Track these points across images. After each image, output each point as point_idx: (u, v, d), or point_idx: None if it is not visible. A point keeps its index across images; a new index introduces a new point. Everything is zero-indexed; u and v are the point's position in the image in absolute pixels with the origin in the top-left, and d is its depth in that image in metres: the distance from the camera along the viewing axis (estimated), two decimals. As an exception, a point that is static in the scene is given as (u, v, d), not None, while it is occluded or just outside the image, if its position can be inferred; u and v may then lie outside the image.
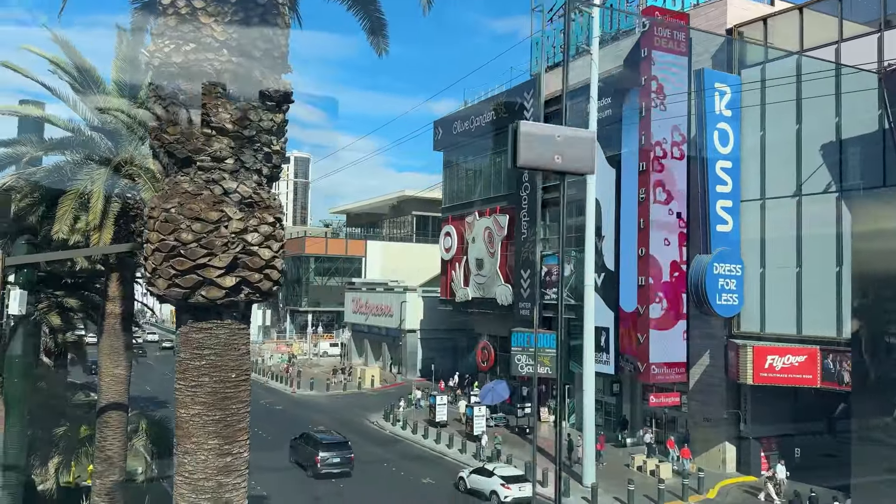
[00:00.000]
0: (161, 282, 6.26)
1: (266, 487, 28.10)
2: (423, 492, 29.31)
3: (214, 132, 6.12)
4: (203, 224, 6.16)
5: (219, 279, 6.22)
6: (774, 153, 30.01)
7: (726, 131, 30.71)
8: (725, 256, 30.15)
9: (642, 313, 32.71)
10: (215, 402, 6.41)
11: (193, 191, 6.22)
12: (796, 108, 29.04)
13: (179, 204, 6.20)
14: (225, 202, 6.22)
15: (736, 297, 30.22)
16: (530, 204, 41.81)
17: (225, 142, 6.18)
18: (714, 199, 30.44)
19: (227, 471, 6.41)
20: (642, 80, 33.15)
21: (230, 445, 6.46)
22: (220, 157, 6.20)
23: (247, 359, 6.74)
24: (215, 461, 6.36)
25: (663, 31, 32.99)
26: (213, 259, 6.18)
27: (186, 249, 6.16)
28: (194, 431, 6.40)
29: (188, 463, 6.39)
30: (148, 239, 6.34)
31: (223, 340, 6.45)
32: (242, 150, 6.26)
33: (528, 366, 39.69)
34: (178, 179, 6.32)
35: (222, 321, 6.45)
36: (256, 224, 6.39)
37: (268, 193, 6.62)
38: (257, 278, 6.42)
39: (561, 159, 2.37)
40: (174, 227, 6.18)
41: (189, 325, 6.45)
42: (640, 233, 32.94)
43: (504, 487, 26.43)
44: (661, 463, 31.22)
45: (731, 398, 31.45)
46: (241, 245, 6.29)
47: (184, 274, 6.19)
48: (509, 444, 35.19)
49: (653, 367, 32.26)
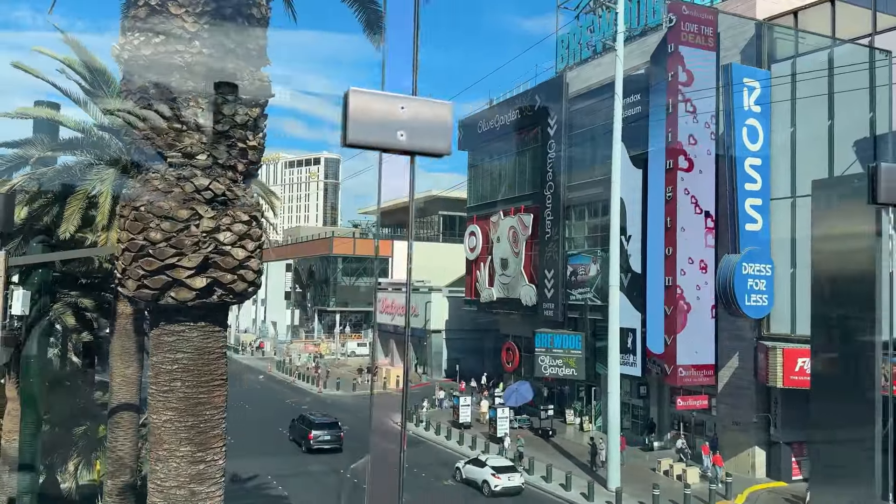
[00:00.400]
0: (130, 283, 6.05)
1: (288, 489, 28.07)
2: (444, 492, 29.04)
3: (185, 127, 5.92)
4: (172, 223, 5.94)
5: (189, 280, 5.99)
6: (805, 149, 29.18)
7: (755, 127, 29.96)
8: (755, 256, 29.42)
9: (669, 314, 32.06)
10: (188, 408, 6.18)
11: (164, 188, 6.01)
12: (828, 103, 28.20)
13: (149, 202, 5.99)
14: (196, 200, 6.00)
15: (765, 297, 29.46)
16: (554, 203, 41.31)
17: (196, 137, 5.96)
18: (743, 197, 29.71)
19: (201, 479, 6.18)
20: (669, 76, 32.50)
21: (203, 453, 6.23)
22: (192, 153, 5.98)
23: (222, 363, 6.49)
24: (188, 469, 6.13)
25: (690, 25, 32.31)
26: (183, 259, 5.96)
27: (155, 249, 5.95)
28: (166, 438, 6.18)
29: (160, 470, 6.17)
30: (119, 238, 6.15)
31: (196, 344, 6.21)
32: (215, 145, 6.03)
33: (551, 367, 39.26)
34: (149, 176, 6.11)
35: (195, 324, 6.22)
36: (229, 223, 6.14)
37: (244, 191, 6.38)
38: (230, 279, 6.17)
39: (405, 136, 1.87)
40: (143, 226, 5.97)
41: (161, 327, 6.23)
42: (666, 232, 32.29)
43: (494, 477, 28.00)
44: (689, 467, 30.55)
45: (761, 401, 30.67)
46: (213, 244, 6.05)
47: (153, 274, 5.97)
48: (532, 447, 34.74)
49: (680, 369, 31.59)
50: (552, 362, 39.36)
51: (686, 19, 32.24)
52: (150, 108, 5.90)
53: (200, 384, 6.23)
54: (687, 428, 34.47)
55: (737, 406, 31.44)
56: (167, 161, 6.01)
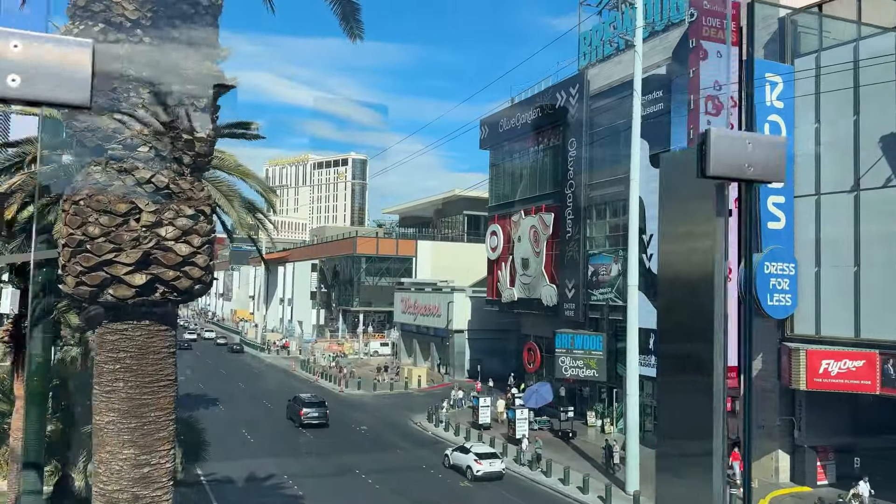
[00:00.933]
0: (70, 279, 5.87)
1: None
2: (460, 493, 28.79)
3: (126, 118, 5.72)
4: (111, 217, 5.74)
5: (127, 277, 5.78)
6: (830, 146, 28.38)
7: (778, 124, 29.20)
8: (777, 255, 28.68)
9: (690, 315, 31.41)
10: (131, 410, 5.98)
11: (105, 181, 5.83)
12: (854, 99, 27.39)
13: (88, 195, 5.81)
14: (137, 193, 5.80)
15: (789, 297, 28.71)
16: (575, 202, 40.80)
17: (138, 128, 5.77)
18: (765, 194, 28.97)
19: (145, 482, 5.98)
20: (690, 72, 31.89)
21: (148, 455, 6.02)
22: (133, 146, 5.79)
23: (169, 363, 6.27)
24: (130, 472, 5.93)
25: (712, 20, 31.67)
26: (122, 255, 5.76)
27: (93, 244, 5.76)
28: (109, 440, 5.99)
29: (103, 473, 5.98)
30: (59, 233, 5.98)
31: (140, 343, 6.01)
32: (158, 137, 5.84)
33: (572, 368, 38.79)
34: (90, 170, 5.94)
35: (139, 322, 6.03)
36: (172, 217, 5.92)
37: (190, 184, 6.16)
38: (172, 276, 5.96)
39: (19, 83, 1.57)
40: (82, 221, 5.78)
41: (104, 325, 6.05)
42: (687, 231, 31.65)
43: (477, 462, 30.02)
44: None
45: (785, 404, 29.93)
46: (155, 240, 5.85)
47: (91, 271, 5.79)
48: (551, 448, 34.30)
49: (701, 370, 30.93)
50: (573, 363, 38.89)
51: (707, 14, 31.62)
52: (89, 99, 5.70)
53: (144, 385, 6.02)
54: (709, 431, 33.76)
55: (760, 409, 30.68)
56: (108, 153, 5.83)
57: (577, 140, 40.92)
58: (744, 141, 1.98)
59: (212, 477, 29.08)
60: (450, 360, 58.16)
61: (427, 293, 61.78)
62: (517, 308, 47.18)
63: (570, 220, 41.07)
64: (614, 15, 40.72)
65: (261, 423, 40.43)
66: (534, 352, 44.87)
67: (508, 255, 47.82)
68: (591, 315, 39.98)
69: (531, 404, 38.37)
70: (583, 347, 38.72)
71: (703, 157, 1.93)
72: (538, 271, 44.25)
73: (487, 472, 29.79)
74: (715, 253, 2.08)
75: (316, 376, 59.77)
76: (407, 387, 54.44)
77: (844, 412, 29.42)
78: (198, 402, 45.13)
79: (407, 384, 54.93)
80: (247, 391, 51.90)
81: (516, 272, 46.72)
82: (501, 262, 48.78)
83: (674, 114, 33.35)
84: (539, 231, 44.31)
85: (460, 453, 31.28)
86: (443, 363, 59.84)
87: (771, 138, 2.00)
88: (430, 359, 62.55)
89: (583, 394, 42.20)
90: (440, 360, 60.42)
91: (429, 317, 60.07)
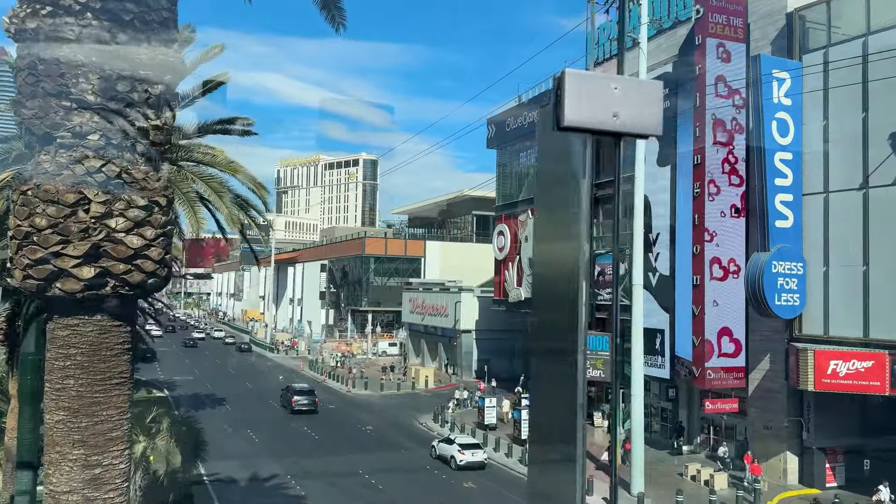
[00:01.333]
0: (18, 273, 5.69)
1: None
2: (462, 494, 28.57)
3: (75, 105, 5.53)
4: (59, 207, 5.53)
5: (75, 270, 5.59)
6: (839, 143, 27.93)
7: (785, 121, 28.79)
8: (785, 254, 28.27)
9: (697, 314, 31.06)
10: (81, 408, 5.77)
11: (54, 171, 5.63)
12: (862, 95, 26.93)
13: (36, 185, 5.62)
14: (87, 183, 5.60)
15: (797, 297, 28.29)
16: (582, 201, 40.41)
17: (87, 116, 5.57)
18: (773, 192, 28.59)
19: (96, 484, 5.77)
20: (697, 69, 31.50)
21: (100, 456, 5.80)
22: (83, 133, 5.59)
23: (124, 360, 6.05)
24: (81, 473, 5.72)
25: (718, 16, 31.26)
26: (69, 247, 5.57)
27: (40, 236, 5.57)
28: (58, 440, 5.77)
29: (52, 475, 5.78)
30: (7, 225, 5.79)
31: (92, 339, 5.79)
32: (109, 124, 5.64)
33: (578, 368, 38.45)
34: (40, 159, 5.75)
35: (90, 318, 5.82)
36: (123, 208, 5.72)
37: (144, 174, 5.95)
38: (123, 269, 5.75)
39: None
40: (29, 212, 5.59)
41: (55, 321, 5.86)
42: (694, 230, 31.30)
43: (460, 453, 31.61)
44: (717, 473, 29.52)
45: (794, 405, 29.50)
46: (104, 231, 5.65)
47: (38, 263, 5.59)
48: (557, 450, 33.96)
49: (708, 371, 30.57)
50: (579, 363, 38.55)
51: (714, 10, 31.20)
52: (37, 86, 5.54)
53: (96, 383, 5.81)
54: (717, 432, 33.37)
55: (768, 410, 30.29)
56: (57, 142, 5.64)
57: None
58: (608, 84, 1.70)
59: (215, 477, 29.02)
60: (457, 360, 57.91)
61: (435, 293, 61.56)
62: (524, 308, 46.86)
63: (577, 220, 40.71)
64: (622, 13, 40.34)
65: (266, 423, 40.36)
66: (541, 352, 44.56)
67: (515, 254, 47.53)
68: (597, 315, 39.60)
69: (537, 405, 38.08)
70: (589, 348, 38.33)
71: (557, 105, 1.65)
72: (545, 271, 43.91)
73: (470, 462, 31.37)
74: (581, 239, 1.83)
75: (324, 376, 59.68)
76: (414, 387, 54.25)
77: (853, 413, 28.97)
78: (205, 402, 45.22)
79: (414, 384, 54.74)
80: (254, 391, 51.88)
81: (523, 272, 46.42)
82: (509, 262, 48.50)
83: (680, 111, 32.95)
84: (546, 230, 43.99)
85: (445, 444, 32.90)
86: (450, 363, 59.62)
87: (644, 81, 1.72)
88: (437, 359, 62.34)
89: (589, 394, 41.83)
90: (448, 360, 60.19)
91: (437, 317, 59.86)
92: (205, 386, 51.60)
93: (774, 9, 30.48)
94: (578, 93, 1.69)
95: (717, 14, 31.18)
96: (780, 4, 30.36)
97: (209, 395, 47.28)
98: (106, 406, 5.85)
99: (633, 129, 1.72)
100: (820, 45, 28.80)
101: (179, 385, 51.27)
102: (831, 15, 28.76)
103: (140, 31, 5.64)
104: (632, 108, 1.73)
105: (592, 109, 1.69)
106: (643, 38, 29.23)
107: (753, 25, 31.37)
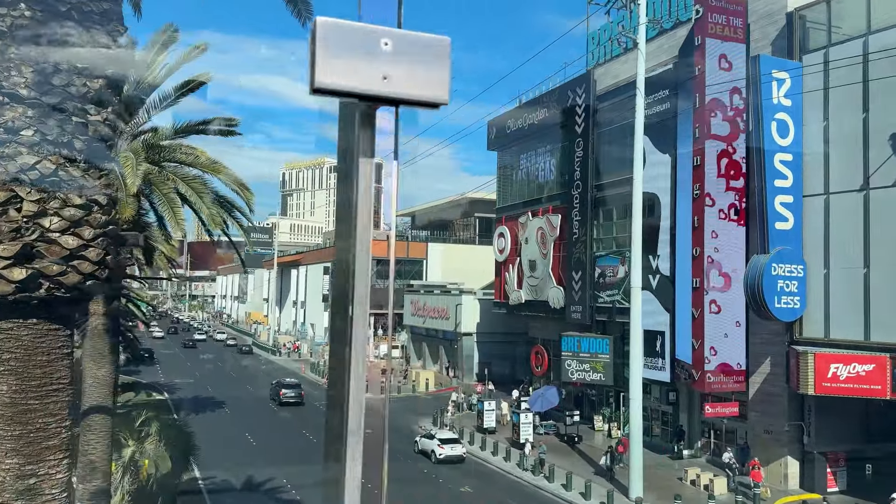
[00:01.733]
0: (-54, 274, 5.50)
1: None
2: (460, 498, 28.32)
3: (7, 100, 5.34)
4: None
5: (5, 271, 5.39)
6: (839, 144, 27.60)
7: (785, 122, 28.48)
8: (785, 256, 27.95)
9: (697, 317, 30.77)
10: (15, 416, 5.57)
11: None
12: (863, 95, 26.61)
13: (-35, 184, 5.44)
14: (19, 180, 5.41)
15: (797, 299, 27.96)
16: (582, 203, 40.20)
17: (20, 110, 5.38)
18: (772, 194, 28.28)
19: (31, 495, 5.56)
20: (696, 69, 31.24)
21: (35, 466, 5.60)
22: (16, 129, 5.40)
23: (62, 365, 5.84)
24: (14, 483, 5.52)
25: (718, 17, 31.00)
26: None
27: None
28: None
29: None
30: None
31: (26, 343, 5.60)
32: (44, 120, 5.45)
33: (578, 371, 38.19)
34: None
35: (25, 321, 5.62)
36: (58, 207, 5.53)
37: (83, 172, 5.75)
38: (57, 270, 5.55)
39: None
40: (-41, 211, 5.42)
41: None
42: (694, 232, 31.03)
43: (439, 447, 33.08)
44: (716, 477, 29.18)
45: (794, 409, 29.15)
46: (38, 231, 5.46)
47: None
48: (555, 454, 33.68)
49: (708, 374, 30.27)
50: (579, 366, 38.30)
51: (713, 10, 30.95)
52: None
53: (31, 389, 5.60)
54: (717, 436, 33.03)
55: (769, 413, 29.96)
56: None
57: (583, 140, 40.32)
58: (376, 37, 1.37)
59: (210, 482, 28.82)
60: (458, 362, 57.66)
61: (436, 295, 61.32)
62: (525, 310, 46.62)
63: (577, 222, 40.47)
64: (623, 14, 40.10)
65: (264, 428, 40.19)
66: (541, 355, 44.28)
67: (516, 256, 47.26)
68: (597, 317, 39.36)
69: (536, 408, 37.79)
70: (589, 350, 38.10)
71: (312, 65, 1.35)
72: (545, 273, 43.67)
73: (448, 456, 32.89)
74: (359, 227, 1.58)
75: (324, 379, 59.48)
76: (415, 390, 54.02)
77: (855, 417, 28.61)
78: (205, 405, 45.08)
79: (415, 387, 54.50)
80: (253, 394, 51.73)
81: (524, 274, 46.15)
82: (509, 264, 48.24)
83: (680, 112, 32.70)
84: (546, 233, 43.74)
85: (426, 439, 34.42)
86: (451, 366, 59.36)
87: (425, 36, 1.40)
88: (439, 362, 62.09)
89: (590, 397, 41.58)
90: (449, 363, 59.94)
91: (438, 319, 59.61)
92: (205, 389, 51.50)
93: (774, 9, 30.20)
94: (336, 48, 1.36)
95: (716, 14, 30.93)
96: (779, 4, 30.06)
97: (209, 399, 47.16)
98: (41, 413, 5.65)
99: (409, 96, 1.40)
100: (820, 46, 28.49)
101: (180, 388, 51.19)
102: (831, 15, 28.45)
103: (78, 22, 5.46)
104: (408, 68, 1.41)
105: (354, 69, 1.37)
106: (641, 39, 28.97)
107: (753, 25, 31.10)
